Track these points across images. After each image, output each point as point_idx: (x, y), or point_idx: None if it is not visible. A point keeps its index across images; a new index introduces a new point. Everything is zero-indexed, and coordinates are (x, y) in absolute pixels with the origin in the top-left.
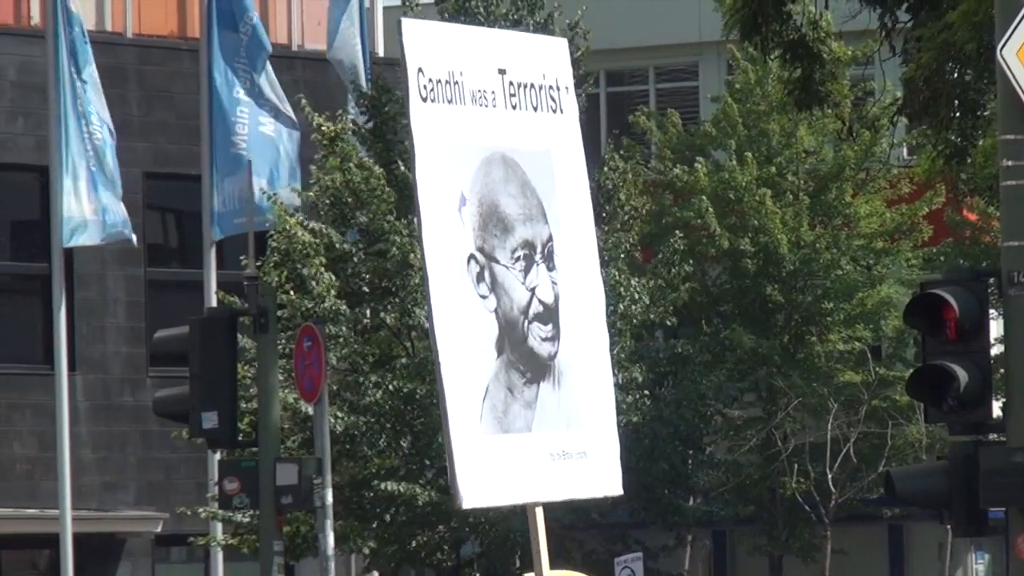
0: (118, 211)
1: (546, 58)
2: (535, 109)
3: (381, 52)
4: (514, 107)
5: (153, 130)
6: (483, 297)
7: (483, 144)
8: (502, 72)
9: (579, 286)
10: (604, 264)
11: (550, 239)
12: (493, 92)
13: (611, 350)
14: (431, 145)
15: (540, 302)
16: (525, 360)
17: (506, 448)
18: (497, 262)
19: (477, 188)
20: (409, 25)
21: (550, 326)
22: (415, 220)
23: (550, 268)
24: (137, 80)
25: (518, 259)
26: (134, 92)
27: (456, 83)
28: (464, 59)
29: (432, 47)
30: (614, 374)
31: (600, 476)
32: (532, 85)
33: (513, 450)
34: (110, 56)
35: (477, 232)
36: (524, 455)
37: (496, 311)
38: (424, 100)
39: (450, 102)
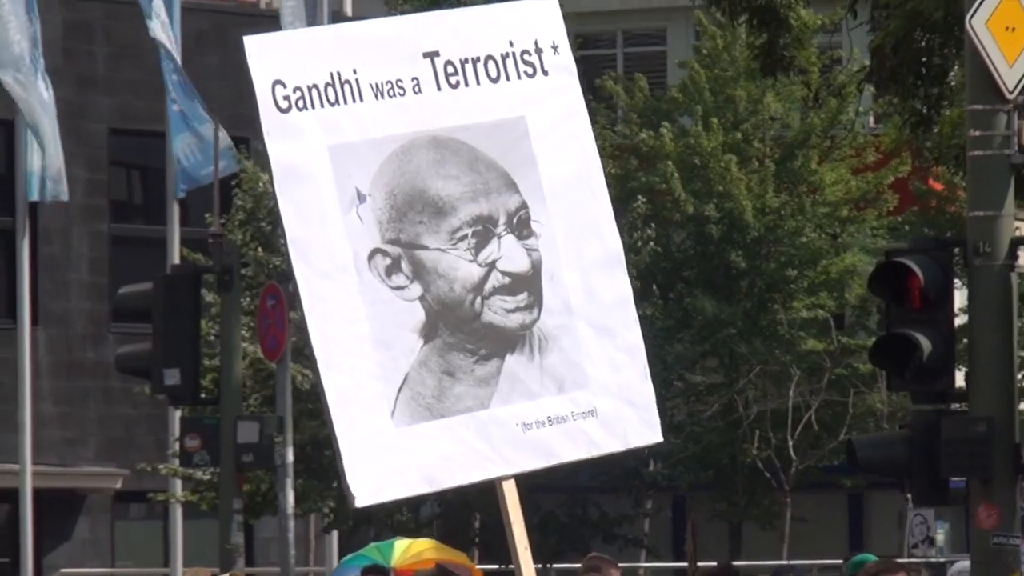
0: (53, 166)
1: (516, 24)
2: (494, 80)
3: (349, 12)
4: (454, 86)
5: (119, 86)
6: (399, 288)
7: (396, 133)
8: (432, 55)
9: (579, 244)
10: None
11: (522, 207)
12: (415, 78)
13: None
14: (300, 152)
15: (505, 274)
16: (477, 338)
17: (440, 434)
18: (425, 248)
19: (385, 180)
20: (253, 42)
21: (524, 295)
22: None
23: (523, 236)
24: (104, 36)
25: (462, 238)
26: (101, 48)
27: (346, 82)
28: (358, 56)
29: (295, 57)
30: None
31: (618, 430)
32: (490, 57)
33: (454, 433)
34: (77, 11)
35: (387, 224)
36: (475, 434)
37: (422, 298)
38: (285, 111)
39: (333, 104)
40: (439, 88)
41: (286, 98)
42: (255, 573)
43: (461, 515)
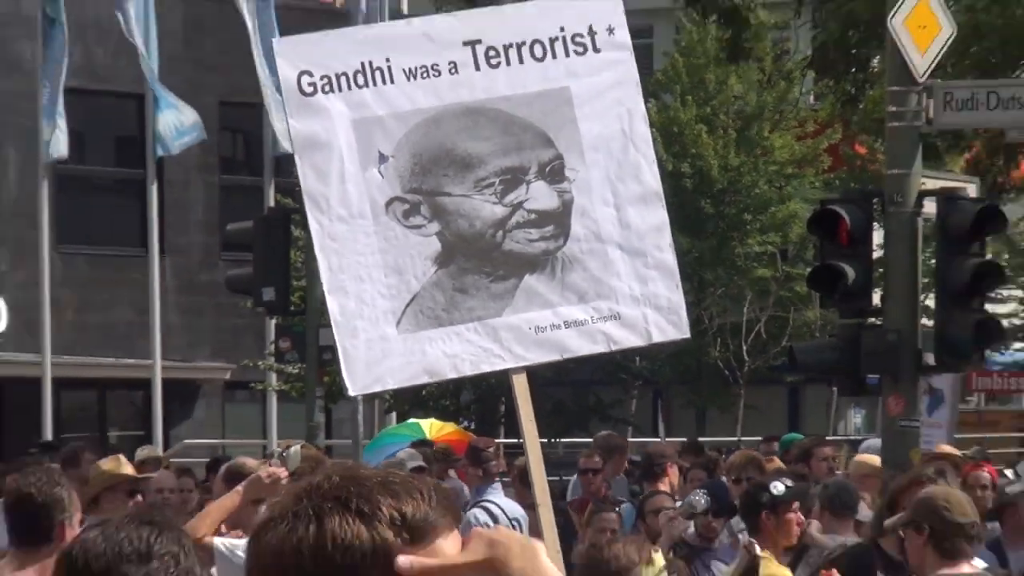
0: (185, 120)
1: (570, 13)
2: (539, 59)
3: (405, 10)
4: (494, 66)
5: (227, 67)
6: (415, 227)
7: (426, 107)
8: (473, 43)
9: (616, 184)
10: None
11: (556, 158)
12: (452, 62)
13: None
14: (322, 125)
15: (531, 211)
16: (496, 263)
17: (447, 337)
18: (447, 195)
19: (410, 144)
20: (283, 43)
21: (550, 227)
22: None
23: (554, 182)
24: (214, 27)
25: (488, 185)
26: (211, 37)
27: (377, 69)
28: (393, 47)
29: (324, 50)
30: None
31: (640, 329)
32: (537, 41)
33: (461, 336)
34: (193, 7)
35: (409, 178)
36: (484, 336)
37: (440, 233)
38: (309, 95)
39: (362, 87)
40: (478, 68)
41: (311, 84)
42: (332, 444)
43: (491, 401)
